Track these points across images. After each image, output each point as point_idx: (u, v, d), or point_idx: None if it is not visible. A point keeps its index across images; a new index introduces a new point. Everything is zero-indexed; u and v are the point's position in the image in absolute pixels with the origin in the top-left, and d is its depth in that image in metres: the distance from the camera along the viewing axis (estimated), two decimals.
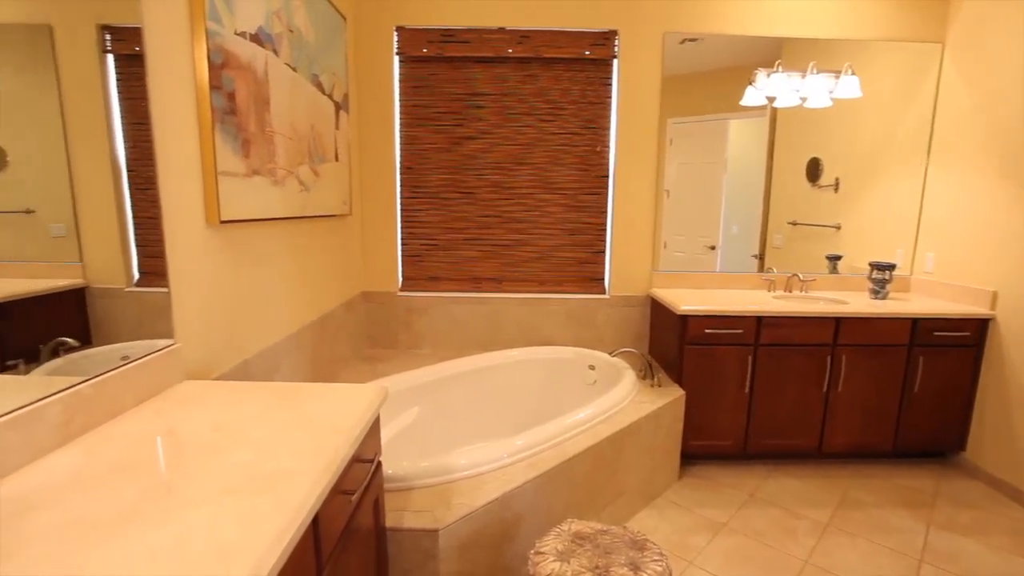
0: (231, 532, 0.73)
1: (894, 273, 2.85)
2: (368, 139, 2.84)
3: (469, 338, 2.98)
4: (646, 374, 2.57)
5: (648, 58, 2.79)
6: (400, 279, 2.98)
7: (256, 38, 1.64)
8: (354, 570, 1.11)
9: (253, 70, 1.63)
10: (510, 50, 2.76)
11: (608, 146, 2.90)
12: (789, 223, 2.95)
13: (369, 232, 2.93)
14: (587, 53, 2.79)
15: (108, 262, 1.14)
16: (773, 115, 2.85)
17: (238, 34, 1.54)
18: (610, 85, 2.84)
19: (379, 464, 1.27)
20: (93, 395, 1.06)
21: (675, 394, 2.39)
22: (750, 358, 2.47)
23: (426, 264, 2.98)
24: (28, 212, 0.96)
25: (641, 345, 3.02)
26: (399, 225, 2.93)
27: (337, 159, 2.39)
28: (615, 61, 2.81)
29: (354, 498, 1.06)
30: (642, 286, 2.99)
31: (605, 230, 2.97)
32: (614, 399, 2.21)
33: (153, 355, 1.23)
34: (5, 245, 0.92)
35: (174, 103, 1.33)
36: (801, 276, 2.90)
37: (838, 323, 2.47)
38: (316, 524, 0.89)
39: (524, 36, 2.76)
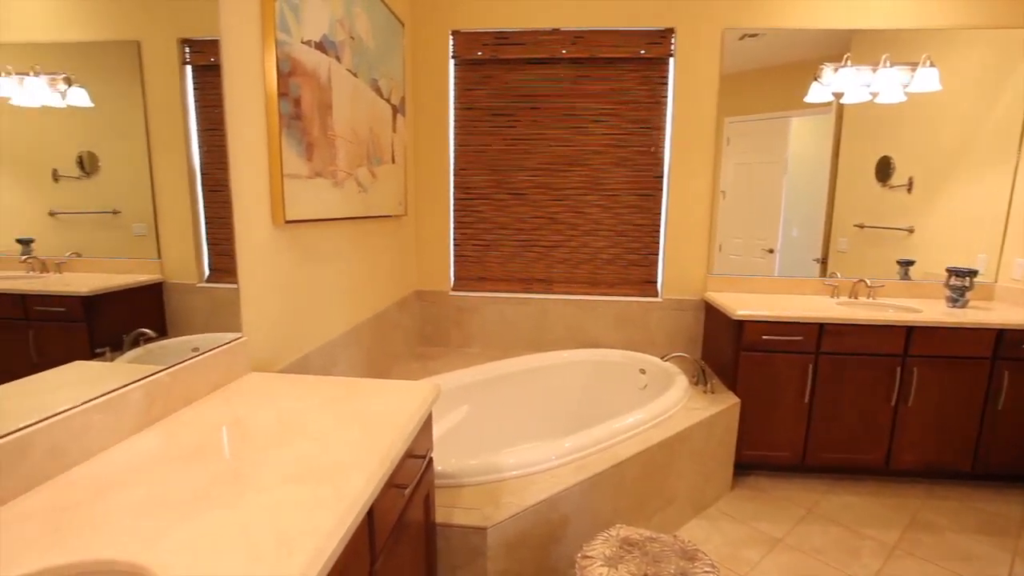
0: (293, 519, 0.77)
1: (975, 280, 2.65)
2: (423, 141, 2.91)
3: (518, 338, 3.00)
4: (699, 380, 2.50)
5: (706, 56, 2.71)
6: (452, 279, 3.03)
7: (320, 46, 1.71)
8: (405, 563, 1.14)
9: (317, 77, 1.70)
10: (564, 51, 2.76)
11: (663, 146, 2.84)
12: (855, 226, 2.79)
13: (423, 232, 2.99)
14: (642, 52, 2.74)
15: (182, 259, 1.22)
16: (839, 112, 2.71)
17: (304, 43, 1.62)
18: (665, 84, 2.78)
19: (431, 460, 1.30)
20: (171, 383, 1.13)
21: (729, 401, 2.31)
22: (810, 367, 2.36)
23: (477, 264, 3.02)
24: (115, 213, 1.05)
25: (694, 350, 2.94)
26: (452, 225, 2.98)
27: (393, 161, 2.46)
28: (671, 60, 2.75)
29: (407, 492, 1.09)
30: (696, 289, 2.91)
31: (658, 232, 2.91)
32: (665, 404, 2.17)
33: (223, 347, 1.30)
34: (95, 243, 1.00)
35: (246, 110, 1.41)
36: (868, 282, 2.74)
37: (909, 332, 2.32)
38: (371, 516, 0.92)
39: (578, 36, 2.74)
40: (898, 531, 2.14)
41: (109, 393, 0.99)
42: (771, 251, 2.86)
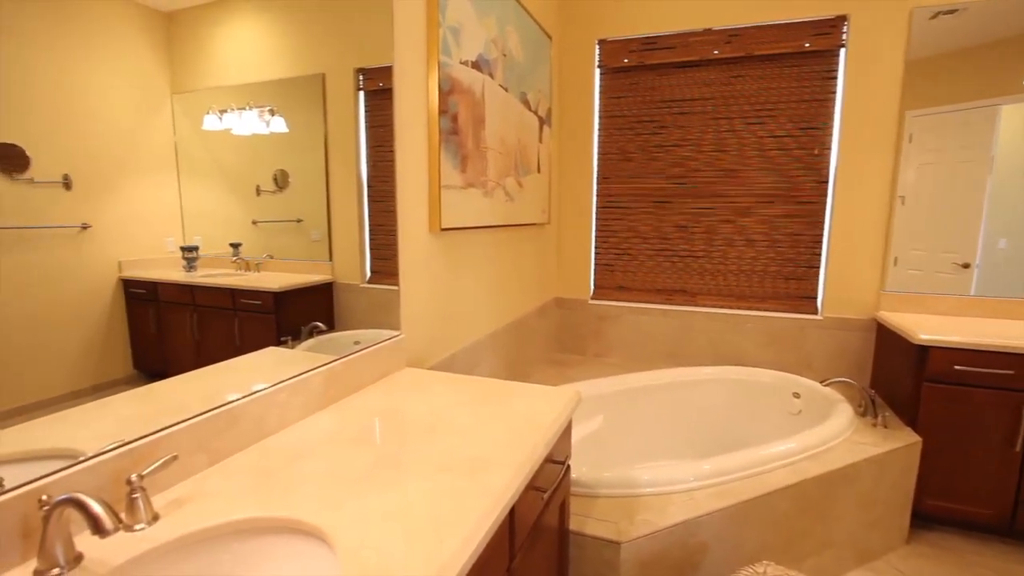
0: (445, 507, 0.83)
1: None
2: (567, 150, 2.95)
3: (658, 350, 2.90)
4: (867, 410, 2.20)
5: (887, 42, 2.39)
6: (592, 287, 3.03)
7: (476, 64, 1.83)
8: (539, 565, 1.16)
9: (472, 93, 1.82)
10: (716, 51, 2.62)
11: (828, 148, 2.56)
12: None
13: (564, 240, 3.03)
14: (807, 45, 2.50)
15: (349, 262, 1.37)
16: None
17: (462, 63, 1.74)
18: (834, 79, 2.51)
19: (568, 467, 1.31)
20: (343, 372, 1.28)
21: (907, 439, 2.00)
22: None
23: (618, 273, 2.98)
24: (298, 221, 1.22)
25: (861, 376, 2.60)
26: (593, 234, 2.99)
27: (539, 171, 2.53)
28: (842, 51, 2.47)
29: (545, 496, 1.11)
30: (865, 308, 2.57)
31: (820, 242, 2.63)
32: (824, 434, 1.94)
33: (385, 343, 1.44)
34: (284, 247, 1.17)
35: (411, 127, 1.55)
36: None
37: None
38: (512, 514, 0.95)
39: (733, 35, 2.59)
40: None
41: (298, 376, 1.16)
42: (966, 266, 2.42)
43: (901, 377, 2.22)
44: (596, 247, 3.00)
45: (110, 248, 0.82)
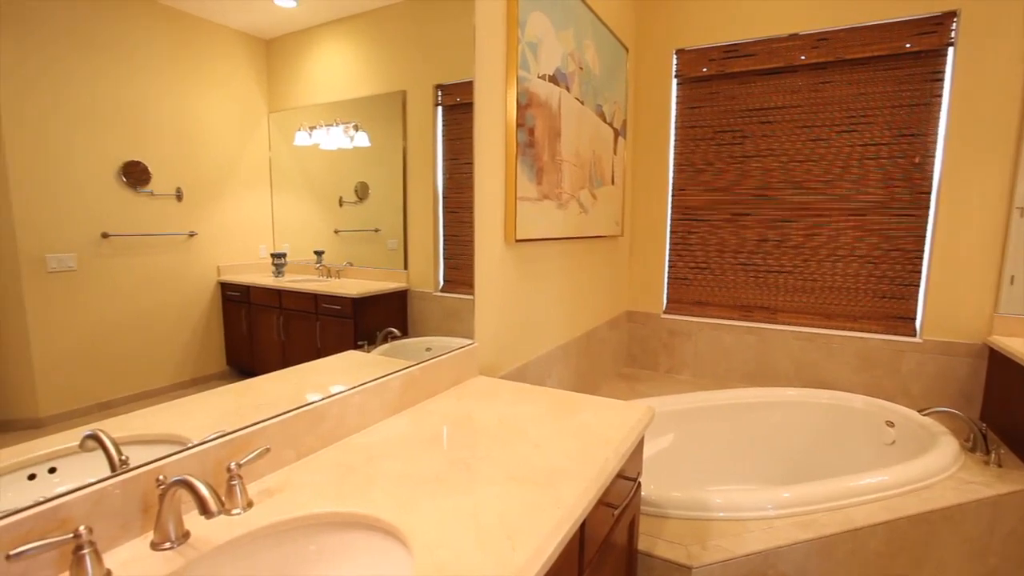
0: (516, 515, 0.83)
1: None
2: (642, 162, 2.91)
3: (733, 369, 2.77)
4: (976, 445, 1.98)
5: (1006, 37, 2.16)
6: (665, 301, 2.95)
7: (553, 78, 1.85)
8: None
9: (549, 106, 1.83)
10: (803, 57, 2.49)
11: (932, 156, 2.36)
12: None
13: (637, 253, 2.98)
14: (908, 46, 2.33)
15: (423, 271, 1.41)
16: None
17: (540, 77, 1.76)
18: (940, 81, 2.31)
19: (639, 484, 1.28)
20: (419, 377, 1.33)
21: None
22: None
23: (693, 288, 2.88)
24: (376, 231, 1.27)
25: (969, 408, 2.35)
26: (667, 247, 2.92)
27: (613, 183, 2.51)
28: (950, 50, 2.28)
29: (615, 513, 1.09)
30: (974, 331, 2.32)
31: (920, 258, 2.42)
32: (924, 469, 1.77)
33: (459, 351, 1.48)
34: (363, 255, 1.23)
35: (489, 141, 1.59)
36: None
37: None
38: (583, 528, 0.94)
39: (821, 39, 2.45)
40: None
41: (378, 379, 1.21)
42: None
43: (1021, 410, 1.99)
44: (670, 260, 2.92)
45: (211, 254, 0.90)
